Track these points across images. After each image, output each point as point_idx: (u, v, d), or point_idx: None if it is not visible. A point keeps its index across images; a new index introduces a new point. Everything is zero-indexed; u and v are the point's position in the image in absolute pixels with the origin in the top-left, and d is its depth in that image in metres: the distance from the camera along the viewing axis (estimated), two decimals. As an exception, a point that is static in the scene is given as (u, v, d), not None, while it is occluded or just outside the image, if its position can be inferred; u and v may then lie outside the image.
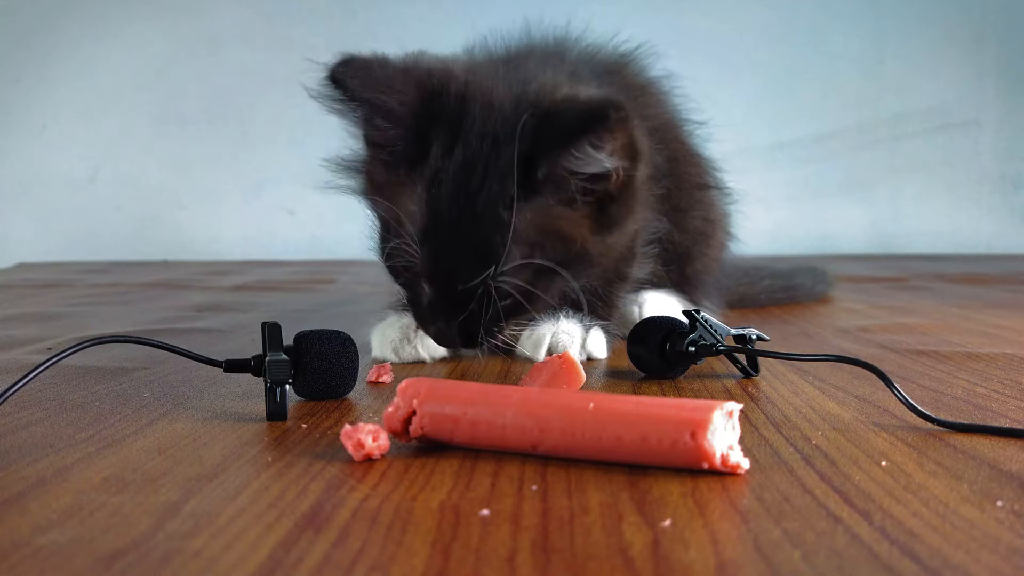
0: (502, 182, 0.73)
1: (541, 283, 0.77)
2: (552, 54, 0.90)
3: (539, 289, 0.76)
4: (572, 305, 0.86)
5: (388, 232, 0.78)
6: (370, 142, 0.80)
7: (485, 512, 0.43)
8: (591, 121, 0.71)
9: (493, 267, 0.73)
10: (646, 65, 0.99)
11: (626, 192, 0.78)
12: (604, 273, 0.84)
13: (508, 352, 0.84)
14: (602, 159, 0.73)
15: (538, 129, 0.73)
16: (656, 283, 0.97)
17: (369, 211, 0.83)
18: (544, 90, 0.76)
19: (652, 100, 0.97)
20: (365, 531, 0.40)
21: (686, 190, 0.98)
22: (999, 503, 0.43)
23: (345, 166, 0.83)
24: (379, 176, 0.79)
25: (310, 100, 0.76)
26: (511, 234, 0.73)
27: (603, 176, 0.75)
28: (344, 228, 0.86)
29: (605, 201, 0.77)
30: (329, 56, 0.75)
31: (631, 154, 0.76)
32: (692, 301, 1.00)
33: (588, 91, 0.79)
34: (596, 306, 0.88)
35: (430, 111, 0.75)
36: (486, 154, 0.73)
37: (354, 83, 0.74)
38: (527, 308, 0.78)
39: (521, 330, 0.84)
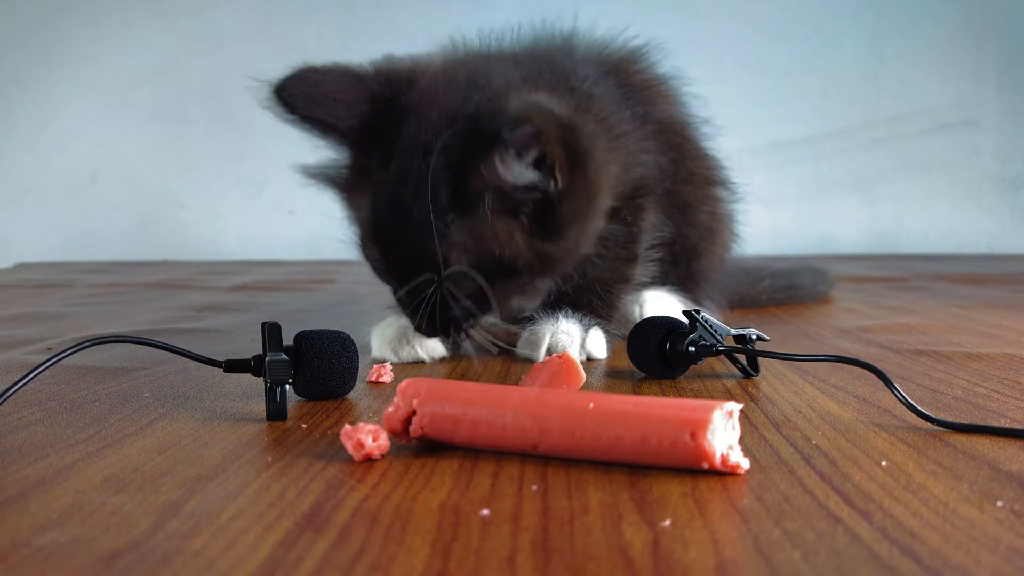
0: (434, 194, 0.73)
1: (496, 287, 0.77)
2: (558, 49, 0.90)
3: (493, 292, 0.77)
4: (571, 304, 0.86)
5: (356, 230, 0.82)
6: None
7: (485, 512, 0.43)
8: (511, 131, 0.69)
9: (433, 273, 0.75)
10: (655, 61, 0.98)
11: (570, 197, 0.75)
12: (568, 275, 0.84)
13: (506, 352, 0.84)
14: (526, 170, 0.72)
15: (466, 142, 0.73)
16: (658, 281, 0.97)
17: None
18: (482, 101, 0.75)
19: (659, 96, 0.97)
20: (365, 531, 0.40)
21: (694, 184, 0.98)
22: (999, 503, 0.43)
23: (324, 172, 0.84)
24: (344, 177, 0.82)
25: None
26: (445, 243, 0.73)
27: (537, 185, 0.73)
28: (345, 228, 0.86)
29: (546, 208, 0.75)
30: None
31: (569, 160, 0.73)
32: (694, 300, 1.00)
33: (520, 98, 0.75)
34: (596, 306, 0.88)
35: (375, 123, 0.77)
36: (418, 167, 0.74)
37: (297, 100, 0.75)
38: (481, 311, 0.79)
39: (521, 328, 0.84)
